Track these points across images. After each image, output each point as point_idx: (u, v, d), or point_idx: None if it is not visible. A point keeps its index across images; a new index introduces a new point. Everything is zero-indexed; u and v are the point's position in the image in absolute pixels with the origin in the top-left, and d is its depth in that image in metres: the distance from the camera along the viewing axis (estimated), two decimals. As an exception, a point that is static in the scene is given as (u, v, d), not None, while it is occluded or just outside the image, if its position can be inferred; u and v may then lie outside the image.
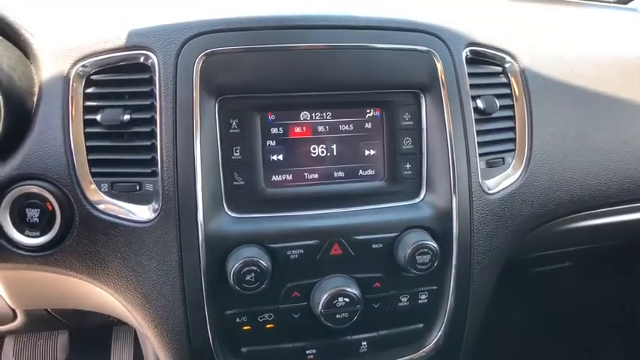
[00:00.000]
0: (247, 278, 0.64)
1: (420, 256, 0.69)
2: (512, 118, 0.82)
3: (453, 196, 0.72)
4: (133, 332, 1.59)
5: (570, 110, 0.88)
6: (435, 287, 0.74)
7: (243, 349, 0.71)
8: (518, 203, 0.81)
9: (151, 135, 0.67)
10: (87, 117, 0.67)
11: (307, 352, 0.72)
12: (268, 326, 0.70)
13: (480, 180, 0.75)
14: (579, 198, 0.87)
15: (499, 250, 0.79)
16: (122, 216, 0.67)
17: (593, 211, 0.93)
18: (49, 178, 0.65)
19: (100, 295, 0.73)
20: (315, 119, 0.71)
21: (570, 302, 1.74)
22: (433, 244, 0.69)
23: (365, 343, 0.74)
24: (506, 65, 0.82)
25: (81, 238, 0.67)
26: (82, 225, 0.67)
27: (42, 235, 0.66)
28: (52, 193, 0.65)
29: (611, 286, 1.67)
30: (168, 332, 0.68)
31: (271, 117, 0.69)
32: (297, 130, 0.70)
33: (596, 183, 0.88)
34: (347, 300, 0.68)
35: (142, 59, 0.67)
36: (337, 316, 0.68)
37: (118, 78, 0.68)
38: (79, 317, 0.91)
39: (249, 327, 0.69)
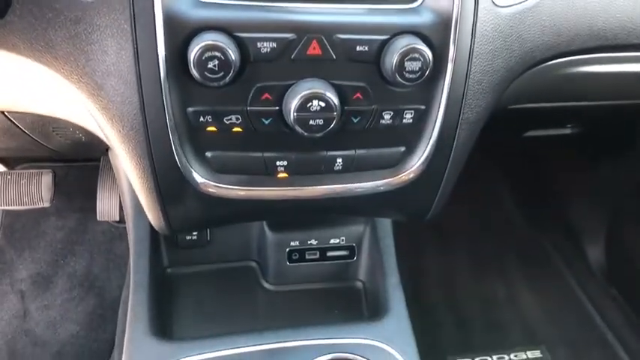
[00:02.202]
0: (210, 66, 0.56)
1: (409, 62, 0.60)
2: None
3: (457, 0, 0.62)
4: (118, 178, 1.58)
5: None
6: (422, 107, 0.67)
7: (208, 154, 0.66)
8: (530, 25, 0.70)
9: None
10: None
11: (277, 163, 0.67)
12: (235, 130, 0.64)
13: (490, -14, 0.64)
14: (600, 32, 0.77)
15: (499, 74, 0.70)
16: None
17: (609, 54, 0.83)
18: None
19: (50, 91, 0.66)
20: None
21: (557, 177, 1.71)
22: (426, 50, 0.61)
23: (340, 160, 0.69)
24: None
25: (23, 14, 0.59)
26: None
27: None
28: None
29: (605, 166, 1.63)
30: (125, 127, 0.62)
31: None
32: None
33: (624, 17, 0.77)
34: (322, 105, 0.61)
35: None
36: (311, 122, 0.61)
37: None
38: (41, 129, 0.85)
39: (214, 128, 0.63)
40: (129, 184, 0.97)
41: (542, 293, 1.66)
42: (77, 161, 1.73)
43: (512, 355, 1.49)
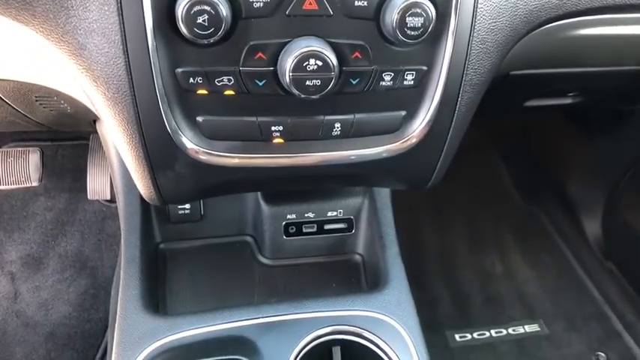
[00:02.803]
0: (199, 21, 0.53)
1: (411, 18, 0.57)
2: None
3: None
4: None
5: None
6: (424, 67, 0.64)
7: (199, 119, 0.62)
8: (535, -17, 0.67)
9: None
10: None
11: (273, 128, 0.64)
12: (227, 92, 0.60)
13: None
14: (606, -10, 0.74)
15: (503, 33, 0.67)
16: None
17: (615, 15, 0.80)
18: None
19: (31, 54, 0.62)
20: None
21: (555, 152, 1.69)
22: (429, 5, 0.57)
23: (338, 125, 0.65)
24: None
25: None
26: None
27: None
28: None
29: (603, 141, 1.61)
30: (111, 89, 0.59)
31: None
32: None
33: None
34: (320, 64, 0.57)
35: None
36: (307, 82, 0.58)
37: None
38: (24, 99, 0.81)
39: (205, 91, 0.60)
40: (119, 157, 0.94)
41: (539, 268, 1.65)
42: (66, 140, 1.69)
43: (510, 330, 1.49)
